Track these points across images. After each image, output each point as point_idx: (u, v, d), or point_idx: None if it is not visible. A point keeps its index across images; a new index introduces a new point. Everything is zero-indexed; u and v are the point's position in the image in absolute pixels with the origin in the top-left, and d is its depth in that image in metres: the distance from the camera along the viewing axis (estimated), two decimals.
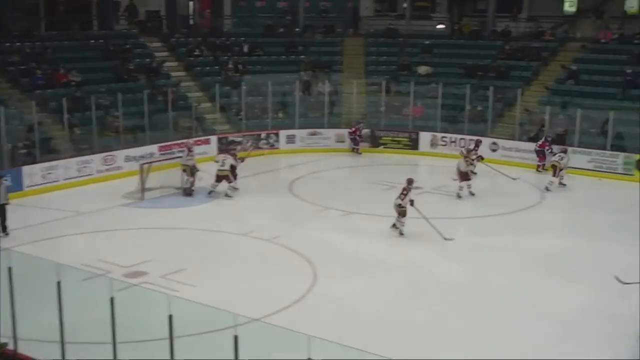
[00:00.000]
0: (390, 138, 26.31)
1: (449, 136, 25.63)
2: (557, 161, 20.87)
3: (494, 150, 24.59)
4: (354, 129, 25.75)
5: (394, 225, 16.16)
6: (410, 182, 16.13)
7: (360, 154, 25.57)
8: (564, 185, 20.95)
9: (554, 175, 20.75)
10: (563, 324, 11.56)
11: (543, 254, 14.93)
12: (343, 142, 26.19)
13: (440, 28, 34.18)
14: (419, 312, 11.97)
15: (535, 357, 10.40)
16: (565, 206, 19.64)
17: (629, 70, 25.34)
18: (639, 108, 23.16)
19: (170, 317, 7.61)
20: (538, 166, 23.17)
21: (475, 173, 20.28)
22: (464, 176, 19.53)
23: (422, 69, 29.20)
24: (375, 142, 26.37)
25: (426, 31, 33.01)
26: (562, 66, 27.41)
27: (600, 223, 17.43)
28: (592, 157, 22.73)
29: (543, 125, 24.28)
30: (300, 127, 26.28)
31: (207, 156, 22.42)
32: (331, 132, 26.33)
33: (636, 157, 22.07)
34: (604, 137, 23.07)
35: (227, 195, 19.18)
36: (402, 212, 15.94)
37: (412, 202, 15.90)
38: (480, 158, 20.64)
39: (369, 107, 27.50)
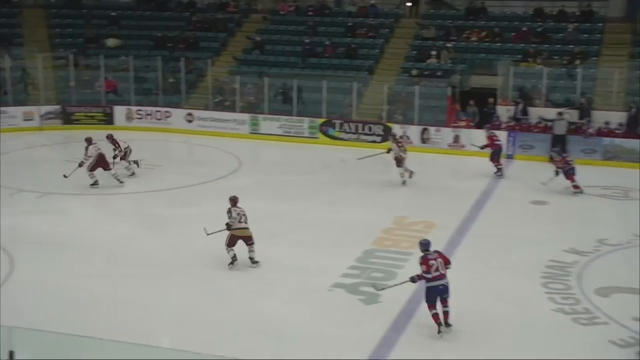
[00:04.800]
0: (83, 114, 25.47)
1: (144, 109, 25.55)
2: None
3: (189, 121, 25.05)
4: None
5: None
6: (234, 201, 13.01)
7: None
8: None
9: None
10: (265, 282, 12.32)
11: None
12: (32, 119, 24.77)
13: None
14: (124, 288, 11.97)
15: (240, 315, 11.03)
16: (260, 171, 20.70)
17: (307, 40, 27.28)
18: (318, 76, 25.14)
19: None
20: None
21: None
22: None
23: (111, 42, 28.56)
24: (67, 119, 25.33)
25: (112, 2, 32.21)
26: (248, 37, 28.63)
27: (290, 184, 18.73)
28: (280, 123, 24.23)
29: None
30: None
31: None
32: (18, 111, 24.75)
33: (319, 121, 24.00)
34: (290, 104, 24.69)
35: None
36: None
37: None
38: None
39: (58, 83, 26.27)
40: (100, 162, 17.63)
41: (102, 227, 15.05)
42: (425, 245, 10.63)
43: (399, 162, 18.37)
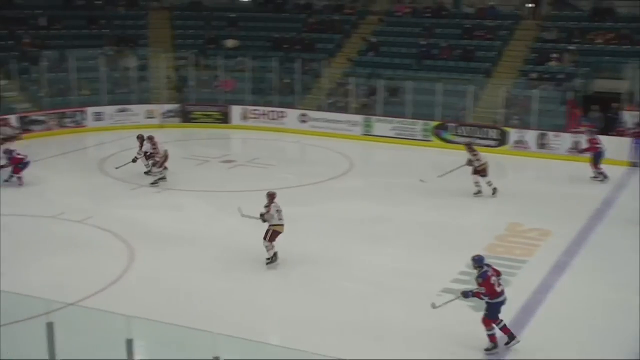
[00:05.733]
0: (201, 113, 26.26)
1: (260, 109, 26.04)
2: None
3: (303, 122, 25.32)
4: None
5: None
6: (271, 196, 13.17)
7: None
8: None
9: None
10: (373, 284, 12.27)
11: (350, 219, 15.66)
12: (153, 117, 25.76)
13: (245, 0, 34.39)
14: (236, 283, 12.23)
15: (346, 316, 11.02)
16: (371, 173, 20.64)
17: (423, 42, 27.00)
18: (433, 78, 24.81)
19: None
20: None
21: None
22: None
23: (230, 42, 29.30)
24: (186, 117, 26.19)
25: (231, 4, 33.05)
26: (363, 38, 28.65)
27: (401, 187, 18.55)
28: (393, 125, 24.08)
29: None
30: (108, 104, 25.57)
31: None
32: (141, 108, 25.82)
33: (433, 123, 23.68)
34: (403, 105, 24.50)
35: None
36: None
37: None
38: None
39: (178, 82, 27.21)
40: (165, 160, 18.21)
41: (216, 223, 15.44)
42: (479, 261, 10.14)
43: (480, 172, 17.43)
